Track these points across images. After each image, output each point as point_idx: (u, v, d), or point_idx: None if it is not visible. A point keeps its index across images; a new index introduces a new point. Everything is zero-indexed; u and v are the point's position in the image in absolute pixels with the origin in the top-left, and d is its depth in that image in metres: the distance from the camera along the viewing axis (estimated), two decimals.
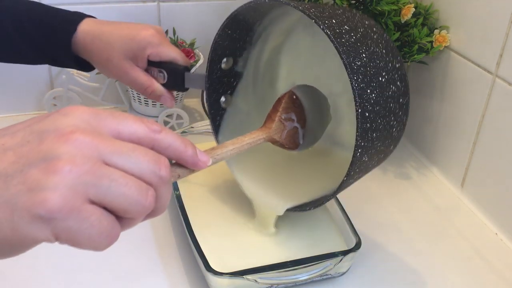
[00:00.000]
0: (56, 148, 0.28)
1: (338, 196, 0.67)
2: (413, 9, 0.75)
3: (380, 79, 0.52)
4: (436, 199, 0.78)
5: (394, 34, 0.75)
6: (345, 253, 0.58)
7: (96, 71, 0.90)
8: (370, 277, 0.63)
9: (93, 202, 0.29)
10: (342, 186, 0.55)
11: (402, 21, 0.76)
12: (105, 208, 0.30)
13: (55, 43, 0.66)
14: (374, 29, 0.56)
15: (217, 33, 0.63)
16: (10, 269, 0.61)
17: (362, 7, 0.77)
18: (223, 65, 0.67)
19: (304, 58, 0.69)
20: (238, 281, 0.55)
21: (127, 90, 0.89)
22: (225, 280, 0.55)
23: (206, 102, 0.69)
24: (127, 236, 0.68)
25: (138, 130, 0.32)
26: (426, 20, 0.78)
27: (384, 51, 0.54)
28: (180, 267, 0.63)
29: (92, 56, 0.68)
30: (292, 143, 0.57)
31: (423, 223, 0.73)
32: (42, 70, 0.92)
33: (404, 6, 0.75)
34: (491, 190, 0.73)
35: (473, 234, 0.71)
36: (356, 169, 0.53)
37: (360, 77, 0.50)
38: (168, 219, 0.70)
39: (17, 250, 0.30)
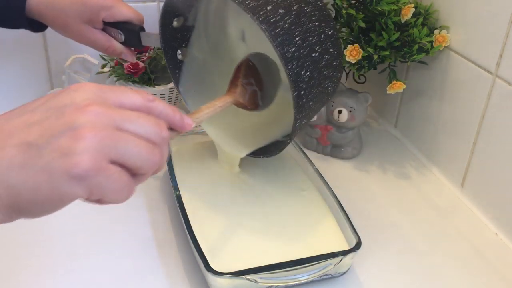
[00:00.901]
0: (77, 119, 0.33)
1: (338, 196, 0.67)
2: (413, 9, 0.75)
3: (313, 55, 0.57)
4: (436, 199, 0.78)
5: (394, 34, 0.75)
6: (345, 253, 0.58)
7: (96, 71, 0.90)
8: (370, 277, 0.63)
9: (113, 162, 0.34)
10: (289, 139, 0.62)
11: (402, 21, 0.76)
12: (122, 167, 0.35)
13: (7, 9, 0.68)
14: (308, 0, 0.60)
15: (165, 2, 0.67)
16: (11, 269, 0.61)
17: (362, 7, 0.77)
18: (174, 24, 0.71)
19: None
20: (238, 281, 0.55)
21: None
22: (225, 280, 0.55)
23: (165, 59, 0.73)
24: (127, 236, 0.68)
25: (137, 100, 0.37)
26: (426, 20, 0.78)
27: (317, 23, 0.58)
28: (180, 267, 0.63)
29: (48, 22, 0.71)
30: (253, 104, 0.63)
31: (423, 223, 0.73)
32: (42, 71, 0.92)
33: (404, 6, 0.75)
34: (491, 190, 0.73)
35: (473, 234, 0.71)
36: (298, 131, 0.61)
37: (294, 63, 0.55)
38: (168, 219, 0.70)
39: (56, 207, 0.35)
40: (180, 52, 0.74)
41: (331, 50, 0.59)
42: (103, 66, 0.89)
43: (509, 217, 0.70)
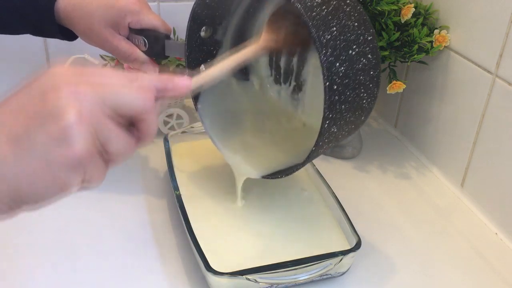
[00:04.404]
0: (60, 103, 0.33)
1: (338, 196, 0.67)
2: (413, 9, 0.75)
3: (350, 52, 0.53)
4: (436, 199, 0.78)
5: (394, 34, 0.75)
6: (345, 253, 0.58)
7: None
8: (370, 277, 0.63)
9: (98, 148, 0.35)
10: (311, 155, 0.56)
11: (402, 21, 0.76)
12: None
13: (37, 11, 0.67)
14: (348, 1, 0.57)
15: (195, 2, 0.63)
16: (10, 269, 0.61)
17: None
18: (202, 34, 0.68)
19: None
20: (238, 281, 0.55)
21: None
22: (225, 280, 0.55)
23: (187, 69, 0.70)
24: (127, 236, 0.68)
25: (118, 81, 0.36)
26: (426, 20, 0.78)
27: (356, 24, 0.55)
28: (180, 267, 0.63)
29: (73, 24, 0.68)
30: (296, 38, 0.58)
31: (423, 223, 0.73)
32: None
33: (404, 6, 0.75)
34: (491, 190, 0.73)
35: (473, 234, 0.71)
36: (325, 140, 0.55)
37: (329, 50, 0.51)
38: (168, 219, 0.70)
39: (56, 195, 0.34)
40: (204, 68, 0.69)
41: (369, 56, 0.55)
42: (104, 67, 0.89)
43: (509, 217, 0.70)
